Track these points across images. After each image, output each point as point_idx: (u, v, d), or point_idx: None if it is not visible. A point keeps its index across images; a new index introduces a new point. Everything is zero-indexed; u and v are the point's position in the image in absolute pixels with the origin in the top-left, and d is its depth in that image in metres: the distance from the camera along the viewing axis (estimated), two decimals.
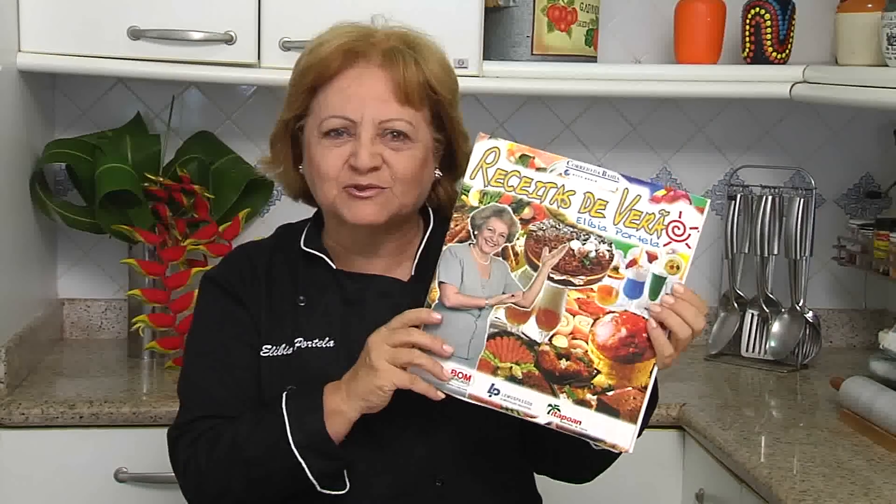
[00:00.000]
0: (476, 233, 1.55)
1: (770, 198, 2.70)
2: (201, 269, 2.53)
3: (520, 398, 1.52)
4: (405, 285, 1.71)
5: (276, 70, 2.40)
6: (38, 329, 2.52)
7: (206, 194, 2.53)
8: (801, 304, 2.69)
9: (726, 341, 2.75)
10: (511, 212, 1.55)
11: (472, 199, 1.55)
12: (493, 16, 2.55)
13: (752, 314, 2.74)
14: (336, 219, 1.70)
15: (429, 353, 1.52)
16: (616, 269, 1.53)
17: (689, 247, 1.54)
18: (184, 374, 1.76)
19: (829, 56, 2.69)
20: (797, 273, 2.69)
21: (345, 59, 1.65)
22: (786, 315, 2.70)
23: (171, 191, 2.52)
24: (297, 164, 1.74)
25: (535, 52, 2.56)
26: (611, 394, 1.52)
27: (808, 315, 2.70)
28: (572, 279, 1.53)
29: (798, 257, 2.67)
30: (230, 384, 1.69)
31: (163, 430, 1.71)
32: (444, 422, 1.65)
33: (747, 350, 2.73)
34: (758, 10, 2.60)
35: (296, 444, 1.58)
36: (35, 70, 2.43)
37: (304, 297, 1.71)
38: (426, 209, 1.76)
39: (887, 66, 2.25)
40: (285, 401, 1.61)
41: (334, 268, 1.72)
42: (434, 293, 1.55)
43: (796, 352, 2.68)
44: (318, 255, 1.73)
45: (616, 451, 1.58)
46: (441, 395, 1.52)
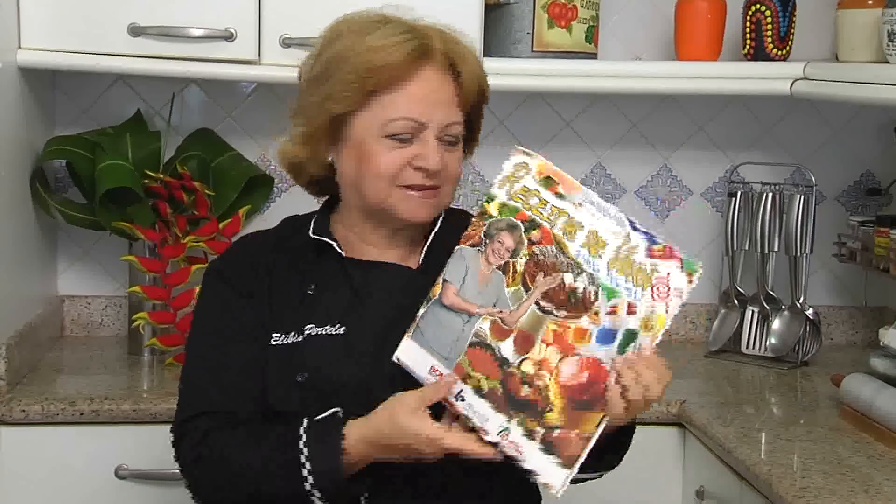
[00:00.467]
0: (487, 241, 1.58)
1: (770, 195, 2.70)
2: (201, 266, 2.53)
3: (479, 411, 1.54)
4: (413, 273, 1.73)
5: (276, 67, 2.40)
6: (39, 326, 2.52)
7: (206, 191, 2.53)
8: (801, 301, 2.69)
9: (726, 338, 2.75)
10: (523, 230, 1.56)
11: (492, 208, 1.58)
12: (494, 12, 2.55)
13: (753, 311, 2.74)
14: (366, 212, 1.72)
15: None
16: (596, 312, 1.50)
17: (667, 310, 1.48)
18: (185, 368, 1.76)
19: (830, 53, 2.69)
20: (797, 270, 2.69)
21: (412, 64, 1.66)
22: (786, 312, 2.70)
23: (172, 188, 2.52)
24: (325, 153, 1.74)
25: (535, 49, 2.56)
26: (556, 433, 1.51)
27: (809, 312, 2.70)
28: (556, 310, 1.52)
29: (798, 254, 2.67)
30: (230, 378, 1.69)
31: (163, 427, 1.71)
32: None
33: (748, 347, 2.73)
34: (758, 6, 2.60)
35: (314, 488, 1.59)
36: (35, 67, 2.43)
37: (313, 286, 1.71)
38: None
39: (888, 62, 2.25)
40: (304, 441, 1.60)
41: (343, 256, 1.73)
42: (437, 289, 1.59)
43: (797, 349, 2.68)
44: (328, 243, 1.73)
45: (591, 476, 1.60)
46: (492, 454, 1.54)
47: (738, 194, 2.73)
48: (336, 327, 1.69)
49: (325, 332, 1.68)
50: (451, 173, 1.70)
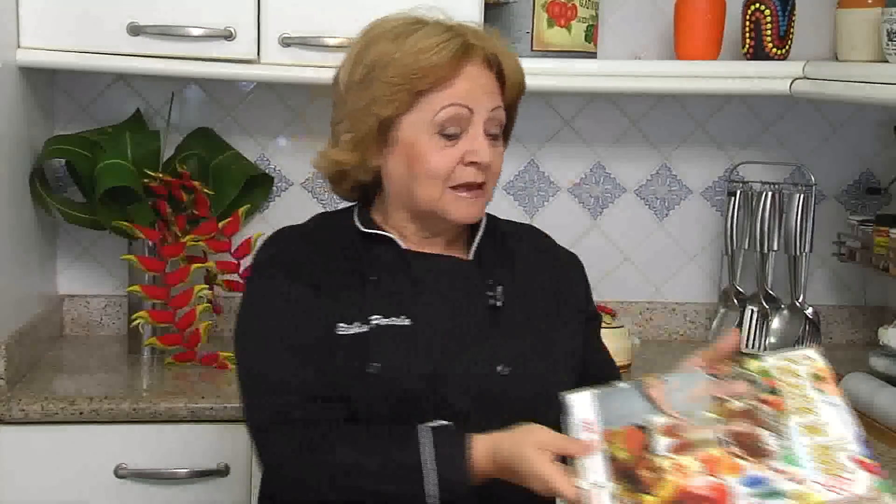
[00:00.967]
0: (727, 378, 1.55)
1: (770, 194, 2.70)
2: (201, 265, 2.53)
3: (593, 463, 1.50)
4: (469, 265, 1.77)
5: (275, 66, 2.40)
6: (38, 325, 2.52)
7: (205, 190, 2.53)
8: (800, 301, 2.69)
9: None
10: (762, 390, 1.53)
11: (752, 365, 1.57)
12: (493, 11, 2.55)
13: (752, 310, 2.74)
14: (414, 212, 1.74)
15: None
16: (765, 462, 1.45)
17: (826, 498, 1.40)
18: (252, 362, 1.71)
19: (830, 52, 2.69)
20: (797, 269, 2.69)
21: (457, 62, 1.69)
22: (785, 311, 2.71)
23: (171, 187, 2.52)
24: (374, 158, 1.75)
25: (534, 48, 2.56)
26: None
27: (808, 311, 2.70)
28: (734, 448, 1.47)
29: (798, 253, 2.67)
30: (310, 364, 1.66)
31: (163, 427, 1.72)
32: None
33: (747, 346, 2.73)
34: (758, 5, 2.60)
35: (436, 495, 1.57)
36: (34, 66, 2.43)
37: (374, 277, 1.72)
38: None
39: (888, 62, 2.25)
40: (431, 445, 1.59)
41: (403, 248, 1.75)
42: (650, 379, 1.57)
43: (796, 348, 2.68)
44: (385, 235, 1.76)
45: None
46: (573, 494, 1.50)
47: (738, 193, 2.73)
48: (402, 318, 1.69)
49: (391, 322, 1.69)
50: (494, 170, 1.74)
